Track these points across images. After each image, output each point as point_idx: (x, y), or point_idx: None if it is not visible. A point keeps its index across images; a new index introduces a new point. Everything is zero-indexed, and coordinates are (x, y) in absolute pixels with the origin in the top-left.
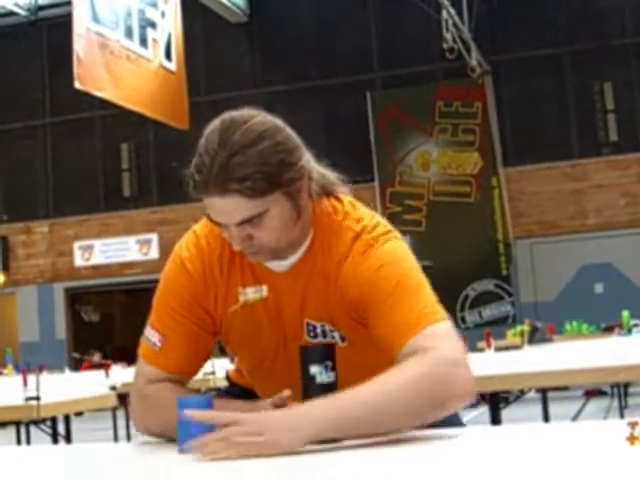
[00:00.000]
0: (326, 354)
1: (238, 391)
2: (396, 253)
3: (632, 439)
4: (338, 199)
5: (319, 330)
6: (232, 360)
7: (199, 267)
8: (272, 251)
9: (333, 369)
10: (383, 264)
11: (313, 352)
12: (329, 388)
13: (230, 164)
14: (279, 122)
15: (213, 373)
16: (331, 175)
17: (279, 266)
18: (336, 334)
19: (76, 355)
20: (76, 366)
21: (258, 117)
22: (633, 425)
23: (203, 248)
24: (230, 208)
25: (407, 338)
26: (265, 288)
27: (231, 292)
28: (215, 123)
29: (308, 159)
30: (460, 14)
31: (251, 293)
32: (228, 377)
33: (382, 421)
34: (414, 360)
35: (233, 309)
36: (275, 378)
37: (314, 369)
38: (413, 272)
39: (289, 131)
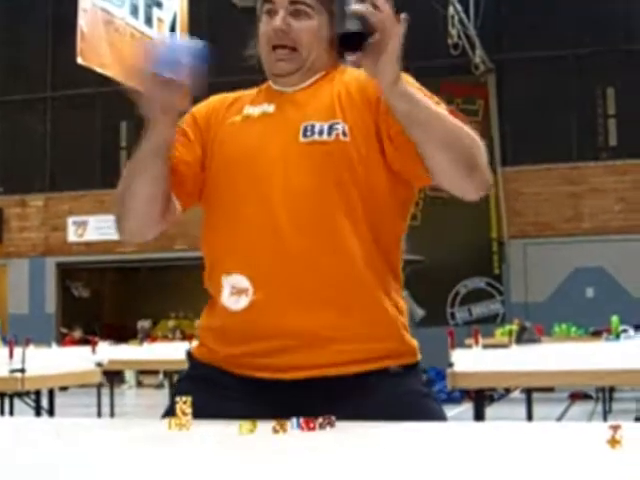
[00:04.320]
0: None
1: (202, 372)
2: None
3: (613, 442)
4: None
5: (317, 129)
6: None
7: (204, 106)
8: (297, 60)
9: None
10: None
11: None
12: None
13: None
14: None
15: None
16: None
17: (288, 89)
18: (339, 126)
19: (64, 330)
20: (59, 341)
21: None
22: (615, 428)
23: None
24: None
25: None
26: (272, 106)
27: (237, 107)
28: None
29: None
30: (467, 11)
31: (257, 109)
32: (190, 355)
33: (444, 134)
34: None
35: (233, 120)
36: (261, 194)
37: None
38: None
39: None
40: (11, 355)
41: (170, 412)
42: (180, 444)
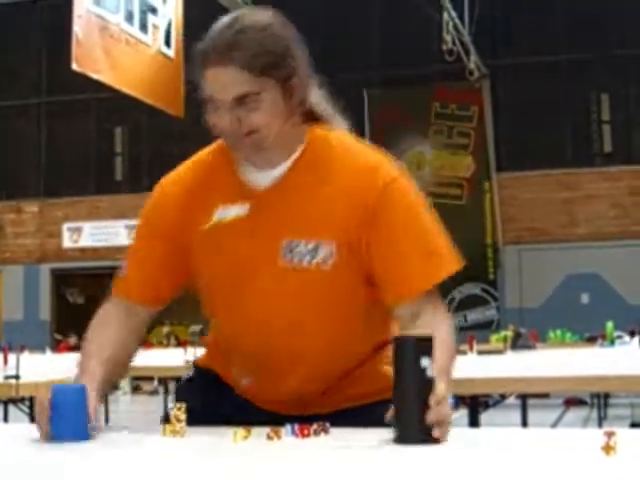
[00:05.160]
0: (431, 347)
1: (206, 380)
2: (415, 192)
3: (607, 449)
4: (334, 130)
5: (299, 250)
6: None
7: (173, 190)
8: (257, 142)
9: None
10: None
11: (425, 343)
12: (432, 383)
13: (236, 38)
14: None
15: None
16: (330, 108)
17: (262, 182)
18: (324, 250)
19: (58, 336)
20: (54, 347)
21: (277, 16)
22: (609, 435)
23: (181, 174)
24: (228, 79)
25: (422, 289)
26: (247, 206)
27: (207, 210)
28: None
29: (310, 75)
30: (461, 17)
31: (229, 212)
32: (194, 365)
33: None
34: (445, 317)
35: (206, 227)
36: (243, 311)
37: (425, 362)
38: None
39: (299, 40)
40: (5, 361)
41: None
42: (174, 450)
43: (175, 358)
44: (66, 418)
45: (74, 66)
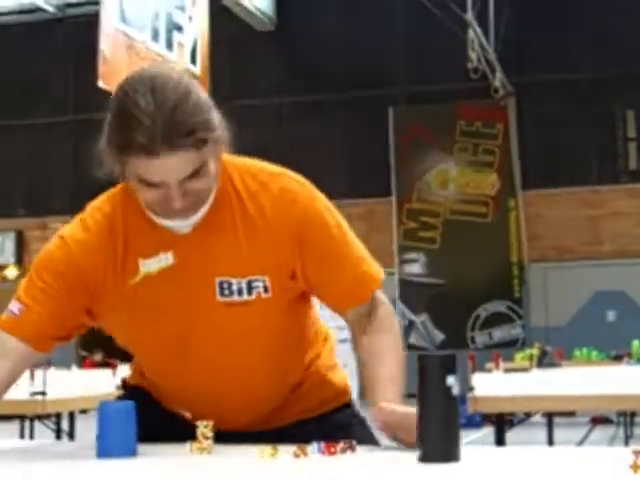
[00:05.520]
0: (456, 363)
1: (136, 396)
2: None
3: (636, 467)
4: (231, 157)
5: (235, 287)
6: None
7: (84, 244)
8: (199, 200)
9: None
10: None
11: (450, 360)
12: (457, 401)
13: (174, 120)
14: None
15: None
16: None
17: (184, 227)
18: (259, 283)
19: (83, 352)
20: (79, 363)
21: (172, 71)
22: (637, 453)
23: (89, 227)
24: (178, 164)
25: (369, 293)
26: (170, 255)
27: (130, 264)
28: (132, 84)
29: (218, 113)
30: (486, 34)
31: (154, 263)
32: (124, 384)
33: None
34: (390, 322)
35: (133, 282)
36: (190, 358)
37: (451, 380)
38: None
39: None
40: (32, 377)
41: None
42: (203, 468)
43: None
44: (113, 434)
45: (101, 83)
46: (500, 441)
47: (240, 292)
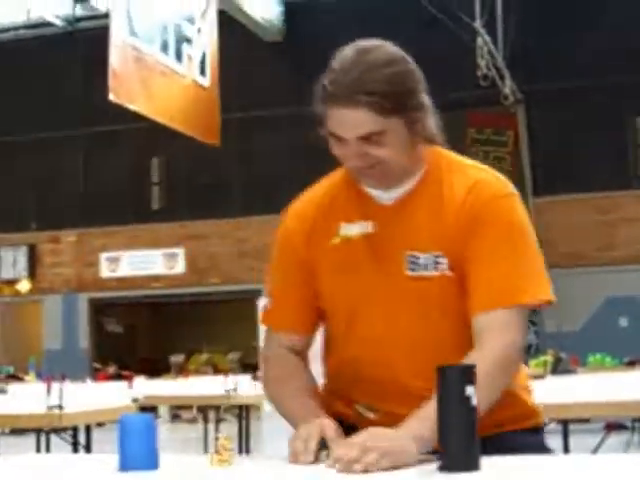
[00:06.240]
0: (474, 375)
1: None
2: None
3: None
4: (442, 149)
5: (422, 261)
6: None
7: (294, 210)
8: (384, 172)
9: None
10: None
11: (469, 372)
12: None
13: (362, 78)
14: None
15: (235, 390)
16: (437, 127)
17: (387, 199)
18: (444, 260)
19: (97, 365)
20: (93, 376)
21: (391, 46)
22: None
23: (304, 195)
24: (355, 121)
25: (494, 305)
26: (370, 224)
27: (332, 227)
28: (348, 47)
29: (428, 99)
30: (495, 42)
31: (354, 229)
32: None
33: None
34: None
35: (331, 243)
36: (369, 328)
37: (470, 390)
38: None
39: (417, 69)
40: (49, 391)
41: None
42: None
43: (214, 387)
44: (135, 447)
45: (111, 97)
46: None
47: (426, 267)
